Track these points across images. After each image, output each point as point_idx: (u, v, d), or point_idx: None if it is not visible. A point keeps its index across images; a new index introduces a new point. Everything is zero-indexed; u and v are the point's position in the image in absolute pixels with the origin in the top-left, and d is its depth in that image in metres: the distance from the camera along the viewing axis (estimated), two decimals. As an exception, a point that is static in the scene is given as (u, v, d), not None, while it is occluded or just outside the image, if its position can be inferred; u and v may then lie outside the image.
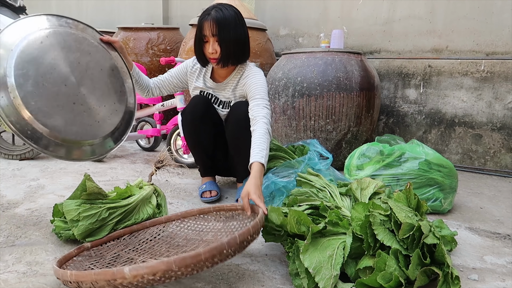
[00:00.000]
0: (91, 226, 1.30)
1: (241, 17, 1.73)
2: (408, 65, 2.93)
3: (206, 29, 1.67)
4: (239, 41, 1.72)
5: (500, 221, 1.76)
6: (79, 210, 1.29)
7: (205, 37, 1.69)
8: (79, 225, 1.28)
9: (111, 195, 1.43)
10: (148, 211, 1.47)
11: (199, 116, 1.84)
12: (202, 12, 1.71)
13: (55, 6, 4.92)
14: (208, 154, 1.96)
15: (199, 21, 1.70)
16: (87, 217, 1.29)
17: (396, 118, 3.01)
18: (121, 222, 1.39)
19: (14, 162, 2.54)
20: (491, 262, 1.36)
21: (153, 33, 3.40)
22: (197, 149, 1.95)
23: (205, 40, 1.70)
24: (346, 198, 1.41)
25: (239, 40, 1.72)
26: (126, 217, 1.41)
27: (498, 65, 2.62)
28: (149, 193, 1.49)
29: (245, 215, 1.36)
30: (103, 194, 1.39)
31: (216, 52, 1.69)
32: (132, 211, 1.42)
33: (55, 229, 1.38)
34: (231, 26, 1.67)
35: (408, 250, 1.08)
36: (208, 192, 1.91)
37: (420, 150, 1.81)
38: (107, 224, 1.34)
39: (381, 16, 3.01)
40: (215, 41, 1.68)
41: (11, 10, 2.69)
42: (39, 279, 1.15)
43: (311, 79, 2.44)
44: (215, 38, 1.67)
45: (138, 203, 1.44)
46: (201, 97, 1.87)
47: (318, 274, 1.05)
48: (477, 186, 2.35)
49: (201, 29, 1.69)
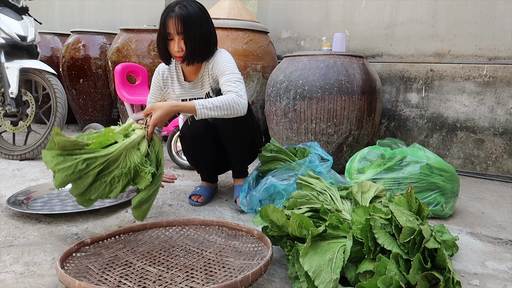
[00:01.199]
0: (67, 178, 1.26)
1: (206, 13, 1.67)
2: (410, 69, 2.93)
3: (170, 26, 1.60)
4: (204, 38, 1.66)
5: (501, 226, 1.75)
6: (54, 162, 1.24)
7: (169, 35, 1.62)
8: (56, 177, 1.25)
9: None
10: (134, 159, 1.36)
11: (199, 136, 1.79)
12: (166, 9, 1.64)
13: (57, 8, 4.94)
14: (211, 165, 1.96)
15: (163, 18, 1.62)
16: (62, 170, 1.24)
17: (397, 122, 3.00)
18: (105, 172, 1.32)
19: (14, 162, 2.54)
20: (493, 267, 1.35)
21: (155, 35, 3.39)
22: (201, 165, 1.95)
23: (170, 38, 1.63)
24: (346, 202, 1.40)
25: (205, 37, 1.66)
26: (109, 167, 1.33)
27: (500, 70, 2.61)
28: (135, 140, 1.38)
29: (248, 237, 1.35)
30: (80, 144, 1.29)
31: (182, 50, 1.63)
32: (116, 160, 1.34)
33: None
34: (196, 23, 1.61)
35: (409, 254, 1.07)
36: (197, 196, 1.89)
37: (421, 154, 1.80)
38: (88, 175, 1.29)
39: (383, 20, 3.01)
40: (181, 39, 1.62)
41: (13, 11, 2.70)
42: (37, 280, 1.15)
43: (312, 82, 2.43)
44: (180, 36, 1.61)
45: (121, 151, 1.34)
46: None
47: (318, 278, 1.04)
48: (478, 191, 2.34)
49: (165, 26, 1.61)
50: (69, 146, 1.26)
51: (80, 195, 1.32)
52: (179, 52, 1.64)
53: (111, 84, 3.58)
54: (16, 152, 2.63)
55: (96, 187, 1.33)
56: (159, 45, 1.69)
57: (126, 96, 2.74)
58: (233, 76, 1.63)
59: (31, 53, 2.71)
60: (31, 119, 2.69)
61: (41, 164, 2.51)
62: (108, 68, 3.52)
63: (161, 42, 1.67)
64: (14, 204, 1.66)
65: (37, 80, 2.67)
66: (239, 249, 1.31)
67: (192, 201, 1.88)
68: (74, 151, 1.28)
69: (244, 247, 1.32)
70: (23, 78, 2.66)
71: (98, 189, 1.33)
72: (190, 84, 1.81)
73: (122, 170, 1.35)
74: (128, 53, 3.37)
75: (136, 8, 4.26)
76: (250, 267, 1.17)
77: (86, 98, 3.81)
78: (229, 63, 1.68)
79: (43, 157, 1.26)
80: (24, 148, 2.62)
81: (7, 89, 2.57)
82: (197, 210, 1.80)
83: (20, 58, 2.64)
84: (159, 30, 1.66)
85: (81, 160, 1.27)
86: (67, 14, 4.88)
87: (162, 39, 1.67)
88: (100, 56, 3.75)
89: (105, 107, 3.87)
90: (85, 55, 3.72)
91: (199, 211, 1.79)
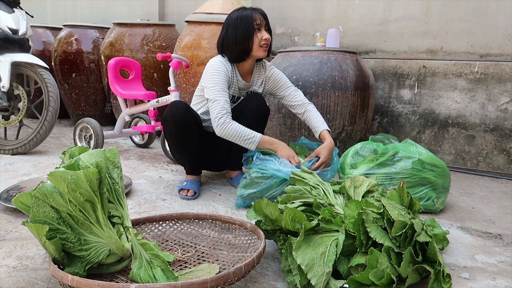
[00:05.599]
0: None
1: None
2: (403, 66, 2.94)
3: (257, 18, 1.83)
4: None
5: (491, 221, 1.78)
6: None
7: (258, 26, 1.84)
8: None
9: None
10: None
11: (182, 123, 1.82)
12: (239, 11, 1.86)
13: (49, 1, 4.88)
14: (194, 154, 1.96)
15: (243, 14, 1.84)
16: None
17: (390, 118, 3.03)
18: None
19: (5, 157, 2.52)
20: (482, 261, 1.37)
21: (149, 29, 3.38)
22: (183, 153, 1.95)
23: (258, 28, 1.84)
24: (339, 196, 1.41)
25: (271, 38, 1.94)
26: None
27: (491, 67, 2.64)
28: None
29: (241, 230, 1.36)
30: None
31: (268, 40, 1.87)
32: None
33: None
34: (268, 22, 1.90)
35: (401, 247, 1.08)
36: (185, 190, 1.91)
37: (413, 149, 1.82)
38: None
39: (377, 16, 3.02)
40: (265, 29, 1.87)
41: (4, 3, 2.67)
42: (30, 274, 1.15)
43: (306, 77, 2.44)
44: (266, 27, 1.87)
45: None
46: (179, 102, 1.85)
47: (311, 271, 1.05)
48: (469, 187, 2.37)
49: (252, 19, 1.82)
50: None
51: None
52: (267, 41, 1.86)
53: (104, 79, 3.56)
54: (7, 146, 2.61)
55: None
56: (239, 43, 1.85)
57: (119, 91, 2.72)
58: (296, 88, 2.09)
59: (22, 47, 2.68)
60: (23, 114, 2.66)
61: (33, 158, 2.50)
62: (101, 62, 3.50)
63: (243, 39, 1.84)
64: (6, 200, 1.65)
65: (29, 74, 2.64)
66: (232, 242, 1.32)
67: (183, 196, 1.89)
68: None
69: (237, 240, 1.32)
70: (14, 72, 2.64)
71: None
72: (245, 84, 1.99)
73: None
74: (121, 47, 3.34)
75: (129, 4, 4.23)
76: (243, 259, 1.18)
77: (78, 92, 3.78)
78: (286, 78, 2.09)
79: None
80: (16, 143, 2.60)
81: (-2, 83, 2.55)
82: (190, 205, 1.80)
83: (12, 52, 2.60)
84: (241, 27, 1.83)
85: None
86: (59, 7, 4.82)
87: (244, 36, 1.83)
88: (92, 51, 3.72)
89: (98, 102, 3.84)
90: (77, 49, 3.69)
91: (192, 206, 1.79)
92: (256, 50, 1.86)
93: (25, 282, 1.10)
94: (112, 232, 1.07)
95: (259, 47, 1.86)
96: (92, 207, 1.03)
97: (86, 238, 1.03)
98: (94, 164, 1.07)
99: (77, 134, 2.73)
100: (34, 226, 0.98)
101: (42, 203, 0.99)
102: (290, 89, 2.05)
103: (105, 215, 1.07)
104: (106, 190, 1.07)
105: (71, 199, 1.00)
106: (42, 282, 1.11)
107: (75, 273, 1.01)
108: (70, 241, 1.01)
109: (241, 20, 1.83)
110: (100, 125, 2.62)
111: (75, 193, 0.99)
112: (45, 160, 2.49)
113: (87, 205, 1.02)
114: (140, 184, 2.07)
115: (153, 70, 3.34)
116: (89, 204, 1.02)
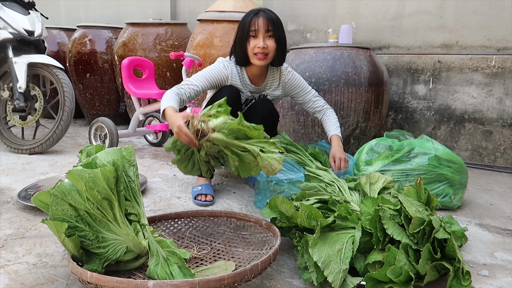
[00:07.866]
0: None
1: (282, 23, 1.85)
2: (418, 61, 2.90)
3: (256, 24, 1.74)
4: (284, 43, 1.84)
5: (510, 217, 1.74)
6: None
7: (253, 32, 1.75)
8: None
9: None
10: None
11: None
12: (248, 12, 1.79)
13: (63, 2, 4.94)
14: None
15: (248, 18, 1.76)
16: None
17: (405, 114, 2.99)
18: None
19: (23, 156, 2.56)
20: (502, 258, 1.35)
21: (161, 29, 3.40)
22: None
23: (252, 35, 1.75)
24: (355, 193, 1.40)
25: (284, 43, 1.84)
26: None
27: (509, 61, 2.59)
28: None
29: (256, 227, 1.35)
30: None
31: (267, 47, 1.76)
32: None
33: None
34: (280, 27, 1.80)
35: (418, 244, 1.07)
36: (203, 195, 1.81)
37: (429, 145, 1.79)
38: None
39: (390, 11, 2.98)
40: (268, 36, 1.76)
41: (20, 6, 2.71)
42: (49, 270, 1.16)
43: (319, 74, 2.42)
44: (269, 33, 1.76)
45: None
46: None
47: (327, 268, 1.05)
48: (487, 183, 2.33)
49: (249, 24, 1.74)
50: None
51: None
52: (264, 49, 1.75)
53: (117, 78, 3.59)
54: (25, 146, 2.65)
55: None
56: (238, 47, 1.80)
57: (133, 90, 2.74)
58: (315, 93, 2.06)
59: (38, 48, 2.73)
60: (39, 114, 2.71)
61: (49, 157, 2.54)
62: (115, 62, 3.53)
63: (239, 45, 1.80)
64: (25, 199, 1.68)
65: (44, 74, 2.68)
66: (247, 239, 1.32)
67: (201, 202, 1.79)
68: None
69: (253, 237, 1.32)
70: (31, 73, 2.68)
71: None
72: (254, 88, 1.93)
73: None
74: (134, 47, 3.37)
75: (141, 4, 4.26)
76: (259, 257, 1.18)
77: (93, 92, 3.83)
78: (305, 82, 2.03)
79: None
80: (33, 142, 2.65)
81: (15, 84, 2.59)
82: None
83: (28, 53, 2.65)
84: (239, 32, 1.79)
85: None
86: (72, 9, 4.88)
87: (242, 40, 1.78)
88: (106, 51, 3.75)
89: (112, 101, 3.88)
90: (91, 49, 3.73)
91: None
92: (251, 57, 1.80)
93: (45, 278, 1.12)
94: (129, 229, 1.08)
95: (253, 55, 1.79)
96: (109, 204, 1.05)
97: (104, 235, 1.04)
98: (111, 163, 1.08)
99: (92, 133, 2.77)
100: (54, 223, 0.99)
101: (61, 201, 1.01)
102: (309, 94, 2.03)
103: (122, 213, 1.08)
104: (122, 188, 1.09)
105: (89, 197, 1.01)
106: (62, 278, 1.12)
107: (93, 270, 1.02)
108: (88, 238, 1.03)
109: (240, 25, 1.80)
110: (114, 124, 2.65)
111: (92, 191, 1.01)
112: (62, 159, 2.53)
113: (104, 202, 1.03)
114: (154, 182, 2.08)
115: (166, 69, 3.36)
116: (106, 202, 1.04)
